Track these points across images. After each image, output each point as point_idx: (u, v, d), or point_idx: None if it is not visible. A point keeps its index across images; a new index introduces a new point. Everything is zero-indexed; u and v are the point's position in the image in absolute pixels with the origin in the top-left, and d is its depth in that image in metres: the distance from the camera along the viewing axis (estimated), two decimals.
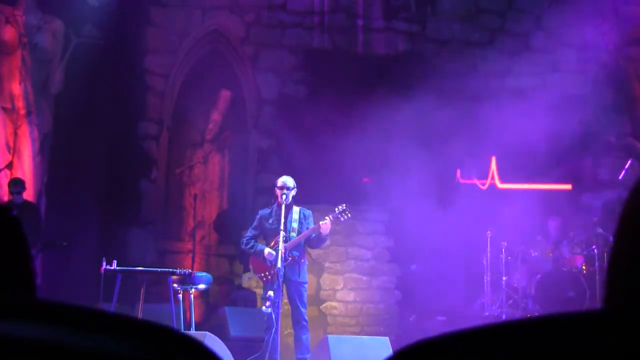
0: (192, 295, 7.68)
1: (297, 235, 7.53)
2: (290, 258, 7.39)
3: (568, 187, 10.62)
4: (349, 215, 7.65)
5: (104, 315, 0.79)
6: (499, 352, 0.72)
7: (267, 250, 7.51)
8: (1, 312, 0.76)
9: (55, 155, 10.25)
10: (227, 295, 10.51)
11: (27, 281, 1.06)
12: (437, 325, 9.47)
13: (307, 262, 7.79)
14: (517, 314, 9.19)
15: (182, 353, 0.78)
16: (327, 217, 7.52)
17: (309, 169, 9.50)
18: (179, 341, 0.79)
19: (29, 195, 9.41)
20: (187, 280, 7.44)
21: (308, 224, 7.65)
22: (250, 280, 10.27)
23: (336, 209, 7.60)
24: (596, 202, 11.07)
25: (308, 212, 7.76)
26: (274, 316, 7.12)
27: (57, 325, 0.76)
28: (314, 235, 7.54)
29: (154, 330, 0.78)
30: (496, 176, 10.66)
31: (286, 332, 8.53)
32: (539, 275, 9.23)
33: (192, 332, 7.43)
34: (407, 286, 10.59)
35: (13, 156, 9.84)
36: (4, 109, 9.77)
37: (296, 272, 7.50)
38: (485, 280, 9.47)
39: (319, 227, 7.47)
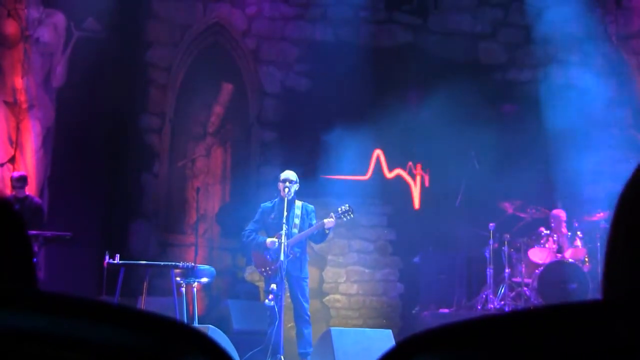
0: (194, 289, 7.69)
1: (298, 232, 7.53)
2: (291, 255, 7.40)
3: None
4: (352, 215, 7.64)
5: (107, 306, 0.79)
6: (501, 341, 0.72)
7: (269, 239, 7.51)
8: (2, 302, 0.76)
9: (57, 149, 10.25)
10: (230, 288, 10.53)
11: (28, 276, 1.07)
12: (440, 317, 9.48)
13: (308, 258, 7.81)
14: (520, 306, 9.19)
15: (187, 344, 0.78)
16: (331, 215, 7.53)
17: (311, 162, 9.49)
18: (183, 333, 0.79)
19: (31, 189, 9.42)
20: (190, 274, 7.45)
21: (310, 219, 7.66)
22: (253, 274, 10.28)
23: (339, 209, 7.59)
24: (599, 194, 11.06)
25: (310, 208, 7.76)
26: (276, 309, 7.14)
27: (58, 315, 0.76)
28: (316, 231, 7.55)
29: (157, 322, 0.79)
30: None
31: (289, 325, 8.55)
32: (542, 268, 9.23)
33: (195, 325, 7.44)
34: (410, 279, 10.61)
35: (15, 150, 9.85)
36: (6, 102, 9.78)
37: (297, 267, 7.51)
38: (488, 273, 9.47)
39: (323, 224, 7.48)
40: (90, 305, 0.77)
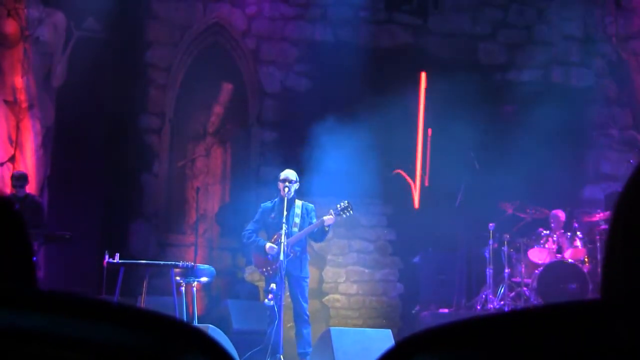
0: (194, 288, 7.69)
1: (299, 231, 7.53)
2: (292, 254, 7.40)
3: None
4: (351, 212, 7.64)
5: (107, 305, 0.79)
6: (500, 341, 0.72)
7: (268, 244, 7.51)
8: (2, 302, 0.76)
9: (57, 149, 10.25)
10: (229, 288, 10.52)
11: (28, 275, 1.07)
12: (440, 317, 9.47)
13: (308, 257, 7.80)
14: (520, 307, 9.19)
15: (187, 343, 0.78)
16: (330, 212, 7.53)
17: (311, 162, 9.50)
18: (184, 332, 0.79)
19: (31, 188, 9.42)
20: (190, 273, 7.45)
21: (310, 218, 7.65)
22: (252, 273, 10.28)
23: (338, 206, 7.59)
24: (599, 195, 11.07)
25: (311, 207, 7.76)
26: (276, 309, 7.14)
27: (59, 315, 0.76)
28: (316, 229, 7.55)
29: (158, 321, 0.79)
30: None
31: (289, 325, 8.54)
32: (542, 268, 9.23)
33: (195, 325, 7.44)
34: (410, 279, 10.61)
35: (15, 149, 9.85)
36: (6, 102, 9.78)
37: (298, 267, 7.51)
38: (487, 273, 9.48)
39: (322, 221, 7.48)
40: (90, 304, 0.77)
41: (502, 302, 9.29)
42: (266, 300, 7.22)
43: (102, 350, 0.76)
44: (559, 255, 9.43)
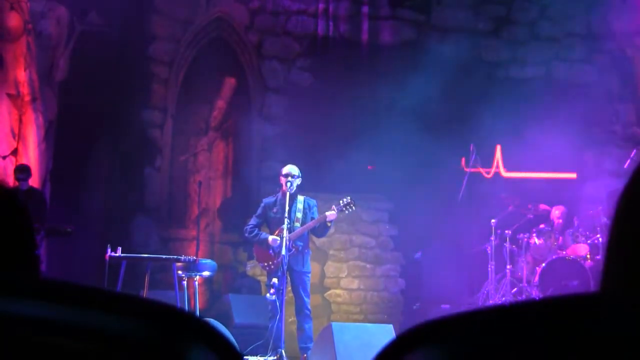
0: (196, 282, 7.70)
1: (301, 226, 7.54)
2: (294, 249, 7.41)
3: (572, 175, 10.61)
4: (354, 208, 7.66)
5: (113, 294, 0.80)
6: (500, 332, 0.73)
7: (271, 237, 7.53)
8: (6, 291, 0.76)
9: (60, 143, 10.26)
10: (231, 282, 10.54)
11: (32, 267, 1.07)
12: (441, 313, 9.48)
13: (310, 252, 7.81)
14: None
15: (192, 334, 0.79)
16: (333, 207, 7.53)
17: (314, 157, 9.49)
18: (189, 322, 0.79)
19: (34, 181, 9.42)
20: (192, 267, 7.46)
21: (312, 214, 7.66)
22: (254, 268, 10.28)
23: (341, 201, 7.61)
24: (601, 191, 11.05)
25: (313, 202, 7.77)
26: (278, 304, 7.15)
27: (64, 303, 0.76)
28: (318, 224, 7.56)
29: (163, 311, 0.79)
30: (501, 165, 10.65)
31: (290, 319, 8.56)
32: (543, 264, 9.23)
33: None
34: (411, 274, 10.62)
35: (18, 143, 9.85)
36: (9, 95, 9.77)
37: (300, 262, 7.52)
38: (489, 269, 9.48)
39: (325, 217, 7.48)
40: (96, 293, 0.78)
41: (503, 298, 9.30)
42: (268, 294, 7.24)
43: (106, 340, 0.76)
44: (561, 251, 9.43)
